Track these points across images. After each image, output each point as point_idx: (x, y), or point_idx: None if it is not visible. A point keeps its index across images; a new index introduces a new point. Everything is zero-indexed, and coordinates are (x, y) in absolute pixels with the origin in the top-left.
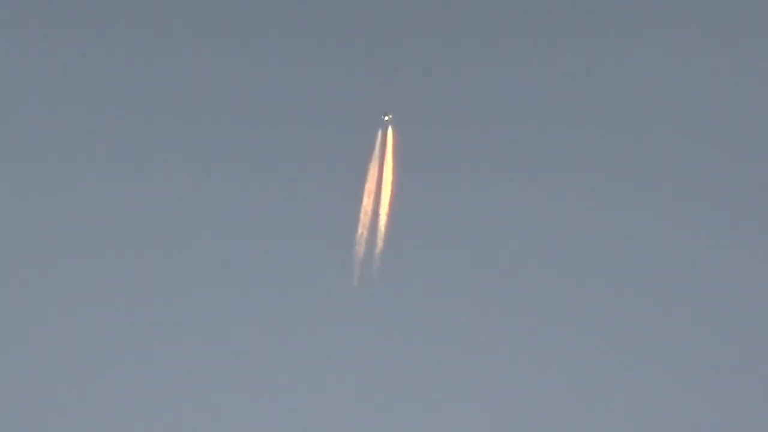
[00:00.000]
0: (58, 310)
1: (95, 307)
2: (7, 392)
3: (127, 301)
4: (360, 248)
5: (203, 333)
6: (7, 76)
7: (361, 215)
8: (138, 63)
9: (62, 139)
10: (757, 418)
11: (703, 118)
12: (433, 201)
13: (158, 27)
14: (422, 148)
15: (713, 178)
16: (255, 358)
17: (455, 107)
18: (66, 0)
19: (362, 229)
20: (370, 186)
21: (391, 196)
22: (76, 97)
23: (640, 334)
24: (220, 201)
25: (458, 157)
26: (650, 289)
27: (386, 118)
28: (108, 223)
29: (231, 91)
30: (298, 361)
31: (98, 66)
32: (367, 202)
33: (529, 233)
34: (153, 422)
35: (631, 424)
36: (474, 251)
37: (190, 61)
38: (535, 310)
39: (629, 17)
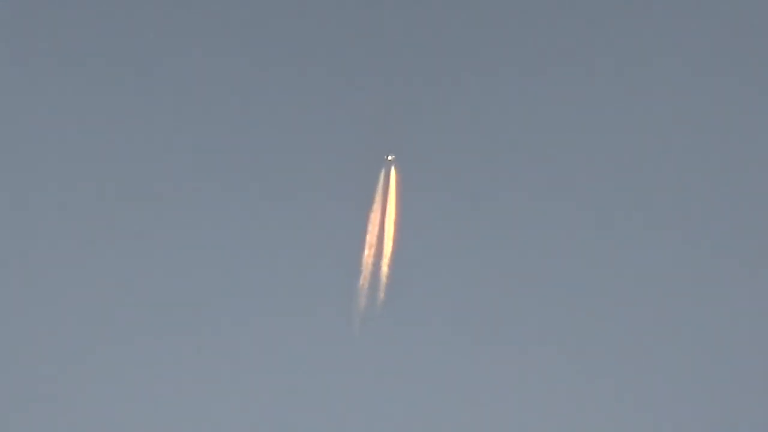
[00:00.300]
0: (57, 311)
1: (96, 307)
2: (8, 393)
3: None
4: (361, 299)
5: (194, 380)
6: (7, 76)
7: (363, 266)
8: (141, 89)
9: (63, 140)
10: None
11: (708, 121)
12: (438, 250)
13: (156, 54)
14: (427, 191)
15: (715, 183)
16: (253, 410)
17: (462, 147)
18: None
19: (363, 281)
20: (371, 238)
21: (393, 246)
22: (78, 98)
23: (662, 358)
24: (211, 259)
25: (467, 204)
26: (671, 308)
27: (389, 158)
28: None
29: (226, 130)
30: (297, 413)
31: (107, 74)
32: (368, 254)
33: (538, 284)
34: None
35: None
36: (481, 305)
37: (191, 103)
38: (541, 364)
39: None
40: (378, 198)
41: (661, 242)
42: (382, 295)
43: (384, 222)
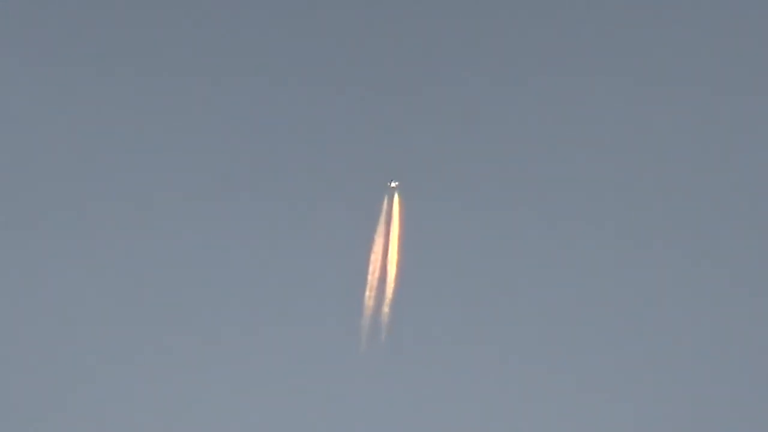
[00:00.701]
0: (56, 313)
1: (99, 310)
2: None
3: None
4: (362, 341)
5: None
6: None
7: (364, 308)
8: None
9: (67, 140)
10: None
11: (709, 122)
12: (443, 284)
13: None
14: (433, 221)
15: (716, 185)
16: None
17: (466, 173)
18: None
19: (364, 322)
20: (372, 279)
21: (395, 287)
22: (85, 99)
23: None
24: (208, 294)
25: (472, 235)
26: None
27: (393, 185)
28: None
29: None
30: None
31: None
32: (369, 296)
33: (546, 316)
34: None
35: None
36: (487, 337)
37: (194, 129)
38: (549, 399)
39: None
40: (381, 228)
41: (667, 255)
42: (383, 336)
43: (386, 258)
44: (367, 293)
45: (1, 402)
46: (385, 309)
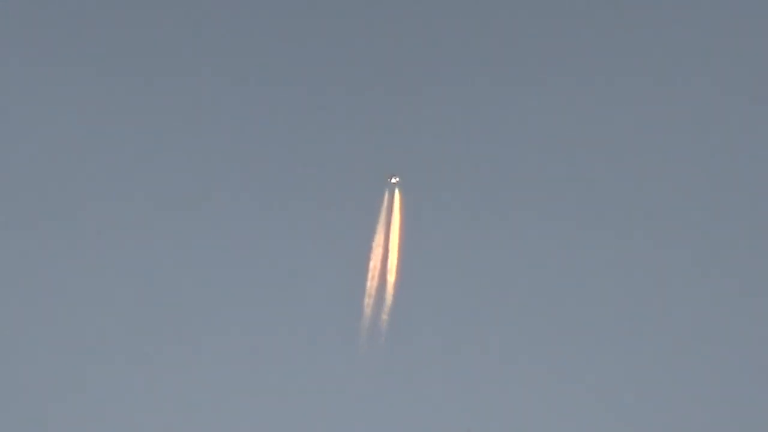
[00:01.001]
0: (58, 313)
1: (101, 312)
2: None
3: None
4: (361, 349)
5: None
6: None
7: (364, 306)
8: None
9: (72, 141)
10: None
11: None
12: (444, 282)
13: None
14: (433, 217)
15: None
16: None
17: (466, 169)
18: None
19: (363, 329)
20: (372, 277)
21: (396, 282)
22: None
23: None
24: (211, 294)
25: (473, 231)
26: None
27: (393, 180)
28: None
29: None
30: None
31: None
32: (368, 302)
33: (549, 315)
34: None
35: None
36: (488, 338)
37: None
38: (549, 400)
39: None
40: (381, 224)
41: (667, 255)
42: (382, 338)
43: (387, 255)
44: (367, 293)
45: (1, 402)
46: (385, 309)
